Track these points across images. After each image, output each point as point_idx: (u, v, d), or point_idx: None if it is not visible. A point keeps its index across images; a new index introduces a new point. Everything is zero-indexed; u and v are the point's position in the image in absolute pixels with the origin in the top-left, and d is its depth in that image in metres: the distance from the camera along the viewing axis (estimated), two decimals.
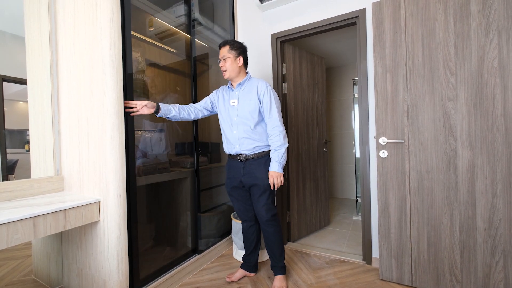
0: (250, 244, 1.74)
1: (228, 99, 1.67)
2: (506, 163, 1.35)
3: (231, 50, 1.59)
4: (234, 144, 1.62)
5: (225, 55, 1.59)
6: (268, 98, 1.56)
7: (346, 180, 4.08)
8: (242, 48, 1.63)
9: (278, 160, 1.52)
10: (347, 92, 4.03)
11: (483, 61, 1.40)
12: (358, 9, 1.90)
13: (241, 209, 1.71)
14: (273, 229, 1.62)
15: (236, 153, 1.63)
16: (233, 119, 1.62)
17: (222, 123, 1.70)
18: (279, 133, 1.54)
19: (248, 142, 1.59)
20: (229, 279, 1.72)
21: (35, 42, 1.56)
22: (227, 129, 1.66)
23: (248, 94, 1.60)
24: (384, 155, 1.66)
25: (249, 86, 1.62)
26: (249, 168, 1.60)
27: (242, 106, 1.60)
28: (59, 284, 1.59)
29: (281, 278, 1.66)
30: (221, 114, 1.70)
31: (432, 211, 1.54)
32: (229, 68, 1.59)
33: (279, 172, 1.53)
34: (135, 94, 1.61)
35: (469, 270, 1.45)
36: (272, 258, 1.69)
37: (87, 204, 1.31)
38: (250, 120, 1.58)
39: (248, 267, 1.76)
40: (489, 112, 1.39)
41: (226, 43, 1.61)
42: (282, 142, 1.54)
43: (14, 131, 2.00)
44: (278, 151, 1.53)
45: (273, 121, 1.56)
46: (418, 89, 1.56)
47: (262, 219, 1.61)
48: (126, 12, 1.42)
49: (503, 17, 1.35)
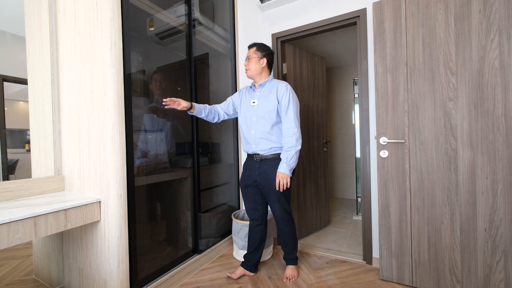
0: (253, 243, 1.76)
1: (249, 99, 1.72)
2: (507, 163, 1.35)
3: (257, 51, 1.67)
4: (251, 143, 1.66)
5: (251, 55, 1.67)
6: (286, 99, 1.59)
7: (347, 180, 4.08)
8: (268, 51, 1.69)
9: (287, 162, 1.54)
10: (347, 92, 4.02)
11: (484, 61, 1.40)
12: (359, 9, 1.90)
13: (251, 207, 1.75)
14: (287, 228, 1.69)
15: (253, 152, 1.67)
16: (252, 119, 1.66)
17: (241, 122, 1.75)
18: (292, 134, 1.55)
19: (264, 142, 1.62)
20: (229, 275, 1.75)
21: (35, 42, 1.56)
22: (245, 129, 1.70)
23: (268, 95, 1.64)
24: (385, 155, 1.65)
25: (269, 87, 1.66)
26: (264, 168, 1.62)
27: (261, 107, 1.64)
28: (59, 283, 1.59)
29: (293, 267, 1.76)
30: (241, 114, 1.75)
31: (432, 211, 1.54)
32: (251, 67, 1.66)
33: (287, 174, 1.54)
34: (135, 94, 1.61)
35: (469, 270, 1.45)
36: (285, 251, 1.77)
37: (87, 204, 1.31)
38: (268, 120, 1.61)
39: (248, 266, 1.77)
40: (489, 112, 1.39)
41: (254, 45, 1.69)
42: (294, 144, 1.54)
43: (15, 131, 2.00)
44: (288, 152, 1.55)
45: (288, 122, 1.57)
46: (418, 89, 1.56)
47: (277, 218, 1.67)
48: (125, 11, 1.42)
49: (504, 17, 1.35)
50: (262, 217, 1.75)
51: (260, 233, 1.75)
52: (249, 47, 1.71)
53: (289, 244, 1.73)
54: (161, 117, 1.83)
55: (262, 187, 1.65)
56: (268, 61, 1.68)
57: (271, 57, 1.71)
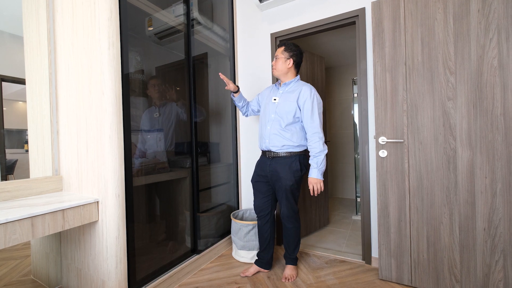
0: (264, 241, 1.78)
1: (271, 96, 1.75)
2: (506, 162, 1.35)
3: (284, 51, 1.68)
4: (265, 138, 1.69)
5: (278, 55, 1.69)
6: (310, 103, 1.60)
7: (346, 180, 4.08)
8: (295, 52, 1.69)
9: (318, 167, 1.56)
10: (346, 92, 4.02)
11: (482, 60, 1.40)
12: (358, 8, 1.90)
13: (259, 204, 1.77)
14: (292, 225, 1.71)
15: (266, 148, 1.69)
16: (271, 116, 1.69)
17: (261, 117, 1.79)
18: (319, 139, 1.58)
19: (277, 138, 1.63)
20: (244, 274, 1.76)
21: (33, 42, 1.55)
22: (263, 124, 1.74)
23: (290, 95, 1.66)
24: (384, 155, 1.65)
25: (293, 88, 1.68)
26: (274, 166, 1.64)
27: (281, 105, 1.66)
28: (58, 284, 1.59)
29: (292, 267, 1.76)
30: (262, 109, 1.80)
31: (431, 211, 1.53)
32: (278, 67, 1.69)
33: (319, 179, 1.57)
34: (134, 94, 1.61)
35: (468, 270, 1.45)
36: (287, 249, 1.78)
37: (85, 204, 1.30)
38: (284, 119, 1.63)
39: (262, 263, 1.79)
40: (488, 111, 1.38)
41: (283, 44, 1.71)
42: (322, 149, 1.57)
43: (13, 131, 2.00)
44: (317, 157, 1.57)
45: (315, 127, 1.59)
46: (417, 88, 1.56)
47: (283, 215, 1.70)
48: (123, 11, 1.42)
49: (502, 16, 1.35)
50: (270, 214, 1.76)
51: (269, 230, 1.77)
52: (278, 46, 1.74)
53: (292, 242, 1.74)
54: (160, 116, 1.82)
55: (274, 184, 1.68)
56: (296, 62, 1.69)
57: (300, 58, 1.71)
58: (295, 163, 1.62)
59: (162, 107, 1.83)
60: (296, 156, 1.63)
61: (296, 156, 1.63)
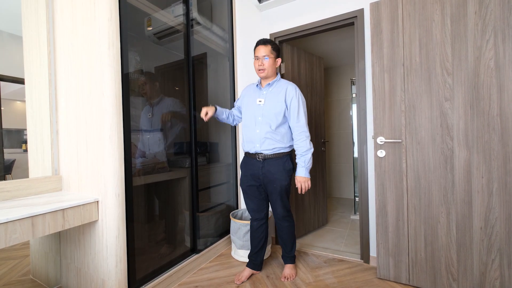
0: (258, 243, 1.76)
1: (255, 97, 1.69)
2: (502, 162, 1.37)
3: (273, 50, 1.62)
4: (255, 143, 1.63)
5: (268, 55, 1.60)
6: (296, 103, 1.59)
7: (344, 180, 4.09)
8: (279, 51, 1.68)
9: (305, 165, 1.56)
10: (345, 92, 4.04)
11: (479, 62, 1.41)
12: (356, 9, 1.91)
13: (254, 208, 1.73)
14: (287, 224, 1.72)
15: (256, 152, 1.64)
16: (258, 118, 1.63)
17: (245, 120, 1.72)
18: (306, 138, 1.58)
19: (269, 142, 1.60)
20: (240, 281, 1.67)
21: (33, 42, 1.55)
22: (250, 127, 1.67)
23: (276, 96, 1.62)
24: (382, 155, 1.67)
25: (277, 88, 1.65)
26: (268, 167, 1.62)
27: (268, 107, 1.62)
28: (57, 284, 1.59)
29: (291, 266, 1.77)
30: (246, 112, 1.72)
31: (429, 210, 1.55)
32: (268, 68, 1.61)
33: (306, 177, 1.57)
34: (133, 94, 1.61)
35: (465, 268, 1.46)
36: (284, 249, 1.78)
37: (85, 204, 1.31)
38: (274, 121, 1.60)
39: (254, 265, 1.78)
40: (485, 112, 1.40)
41: (267, 42, 1.62)
42: (309, 147, 1.57)
43: (12, 130, 2.00)
44: (304, 156, 1.57)
45: (301, 126, 1.59)
46: (415, 89, 1.57)
47: (278, 215, 1.69)
48: (123, 11, 1.42)
49: (499, 18, 1.37)
50: (266, 215, 1.76)
51: (264, 233, 1.76)
52: (260, 43, 1.62)
53: (288, 241, 1.75)
54: (153, 117, 1.82)
55: (266, 186, 1.65)
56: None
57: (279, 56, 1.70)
58: (287, 163, 1.62)
59: (155, 105, 1.80)
60: (287, 156, 1.63)
61: (287, 155, 1.63)
